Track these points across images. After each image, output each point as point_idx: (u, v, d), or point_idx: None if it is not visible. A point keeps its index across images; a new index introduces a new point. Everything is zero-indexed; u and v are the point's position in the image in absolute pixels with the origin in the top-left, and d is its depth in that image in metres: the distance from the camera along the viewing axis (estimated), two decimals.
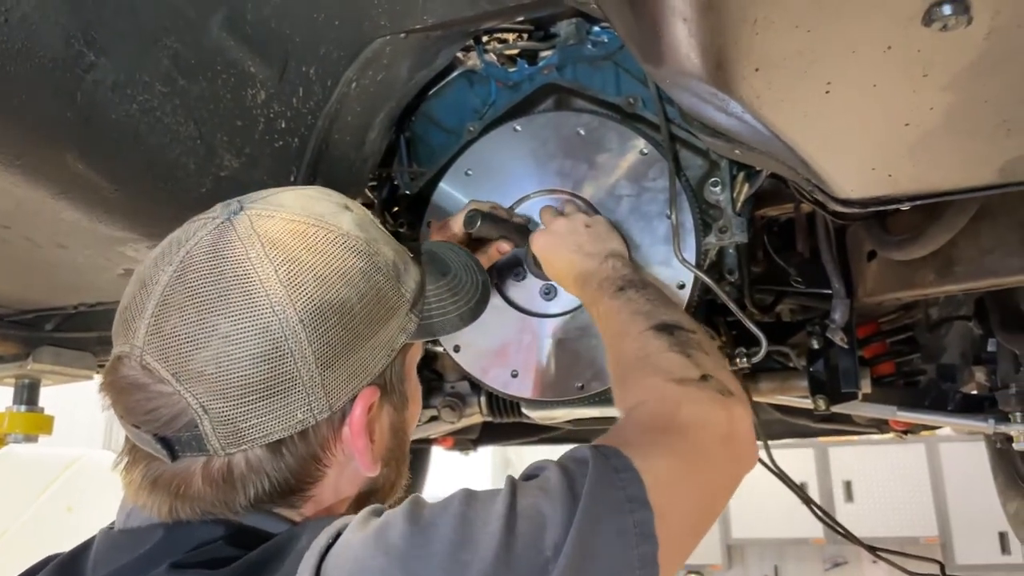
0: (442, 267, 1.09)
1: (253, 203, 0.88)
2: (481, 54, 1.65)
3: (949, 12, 0.66)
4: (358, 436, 0.86)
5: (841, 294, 1.64)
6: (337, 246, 0.87)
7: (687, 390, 1.04)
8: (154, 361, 0.80)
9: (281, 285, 0.81)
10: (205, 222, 0.86)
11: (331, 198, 0.94)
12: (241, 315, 0.79)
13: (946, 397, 2.08)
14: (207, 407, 0.79)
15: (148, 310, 0.81)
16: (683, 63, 0.79)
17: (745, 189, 1.51)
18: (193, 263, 0.82)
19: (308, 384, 0.81)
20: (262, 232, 0.84)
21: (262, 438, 0.80)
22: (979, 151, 0.93)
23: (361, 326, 0.86)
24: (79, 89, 1.00)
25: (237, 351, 0.79)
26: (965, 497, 6.81)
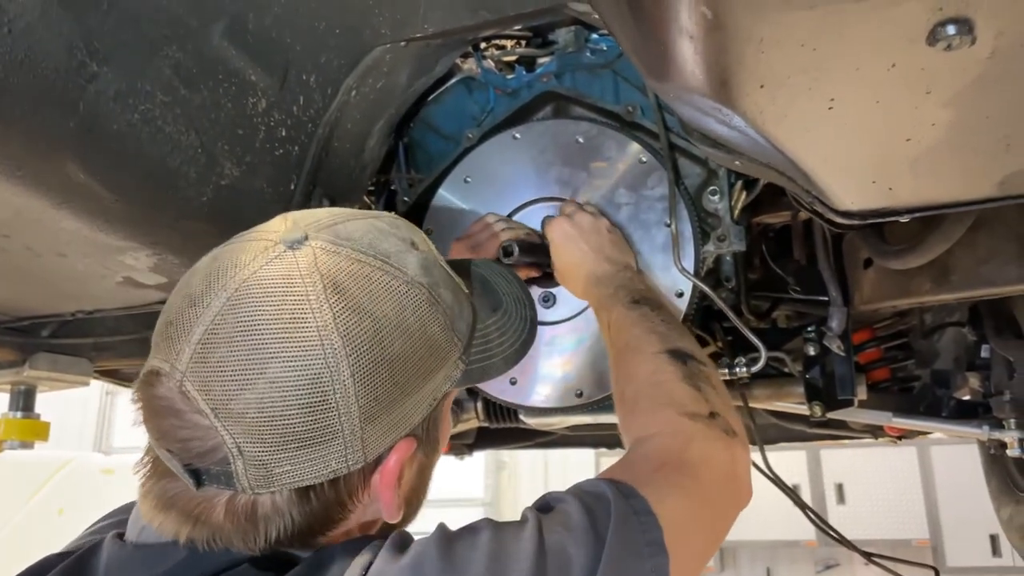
0: (494, 300, 1.03)
1: (319, 232, 0.83)
2: (479, 61, 1.65)
3: (953, 32, 0.66)
4: (387, 487, 0.83)
5: (838, 302, 1.65)
6: (400, 296, 0.83)
7: (697, 427, 1.05)
8: (194, 390, 0.76)
9: (338, 335, 0.77)
10: (266, 247, 0.81)
11: (399, 232, 0.89)
12: (293, 360, 0.75)
13: (940, 403, 2.10)
14: (243, 448, 0.75)
15: (195, 334, 0.77)
16: (688, 79, 0.79)
17: (743, 197, 1.52)
18: (249, 294, 0.77)
19: (348, 437, 0.78)
20: (325, 271, 0.79)
21: (293, 483, 0.77)
22: (979, 165, 0.94)
23: (410, 379, 0.82)
24: (81, 99, 1.00)
25: (283, 398, 0.75)
26: (956, 500, 6.84)
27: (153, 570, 0.79)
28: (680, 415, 1.06)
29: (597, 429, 2.71)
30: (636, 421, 1.10)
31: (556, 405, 1.52)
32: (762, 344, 1.50)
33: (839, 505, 7.25)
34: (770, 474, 1.88)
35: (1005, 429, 1.89)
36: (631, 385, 1.16)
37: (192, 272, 0.84)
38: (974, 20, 0.66)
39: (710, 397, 1.11)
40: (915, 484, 7.16)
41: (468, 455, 3.07)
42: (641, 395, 1.13)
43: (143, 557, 0.82)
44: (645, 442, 1.04)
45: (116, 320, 1.93)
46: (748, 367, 1.59)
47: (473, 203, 1.58)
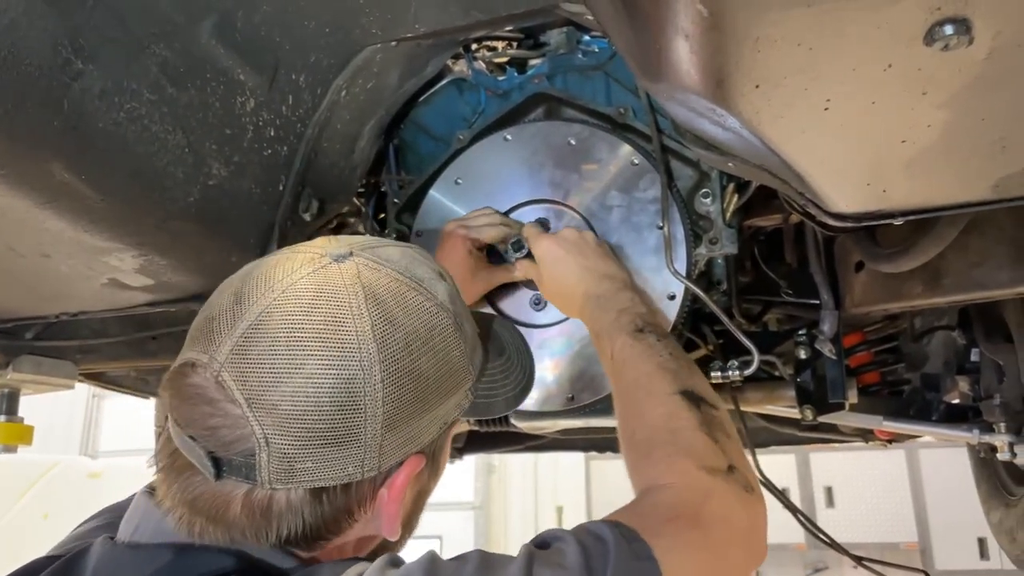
0: (499, 347, 1.08)
1: (361, 251, 0.89)
2: (470, 62, 1.64)
3: (951, 32, 0.66)
4: (393, 501, 0.87)
5: (830, 306, 1.65)
6: (431, 316, 0.88)
7: (715, 482, 1.03)
8: (231, 380, 0.79)
9: (374, 341, 0.81)
10: (313, 258, 0.86)
11: (429, 263, 0.95)
12: (330, 359, 0.80)
13: (930, 407, 2.10)
14: (270, 440, 0.78)
15: (239, 328, 0.80)
16: (683, 79, 0.79)
17: (735, 200, 1.51)
18: (295, 295, 0.82)
19: (369, 442, 0.81)
20: (367, 283, 0.85)
21: (309, 482, 0.80)
22: (974, 167, 0.94)
23: (430, 396, 0.87)
24: (66, 97, 0.98)
25: (317, 394, 0.79)
26: (945, 503, 6.87)
27: (137, 572, 0.80)
28: (699, 468, 1.04)
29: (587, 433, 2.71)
30: (650, 469, 1.08)
31: (547, 409, 1.51)
32: (754, 347, 1.50)
33: (828, 508, 7.28)
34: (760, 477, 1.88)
35: (995, 433, 1.89)
36: (643, 428, 1.13)
37: (236, 276, 0.89)
38: (972, 20, 0.65)
39: (727, 449, 1.09)
40: (904, 487, 7.19)
41: (458, 458, 3.06)
42: (656, 441, 1.10)
43: (129, 558, 0.83)
44: (658, 491, 1.03)
45: (101, 322, 1.91)
46: (740, 370, 1.58)
47: (464, 205, 1.57)
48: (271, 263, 0.87)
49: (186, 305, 1.42)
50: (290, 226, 1.41)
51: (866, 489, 7.28)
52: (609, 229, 1.46)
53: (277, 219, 1.38)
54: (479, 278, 1.43)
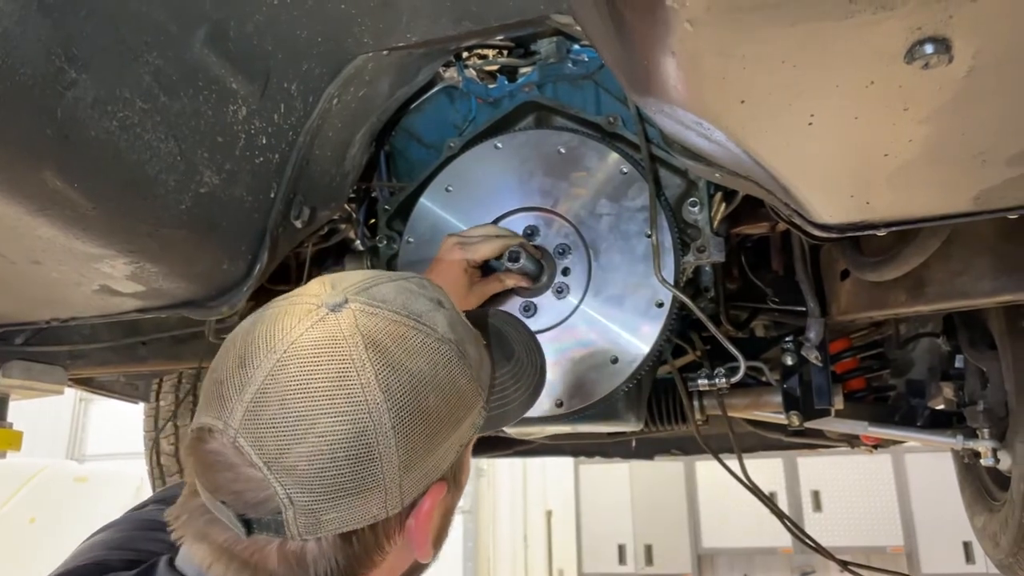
0: (507, 350, 1.09)
1: (357, 295, 0.89)
2: (461, 70, 1.65)
3: (931, 51, 0.68)
4: (422, 530, 0.89)
5: (816, 313, 1.66)
6: (432, 352, 0.89)
7: None
8: (248, 445, 0.81)
9: (380, 390, 0.83)
10: (309, 310, 0.87)
11: (426, 292, 0.96)
12: (340, 416, 0.81)
13: (915, 413, 2.12)
14: (293, 498, 0.81)
15: (248, 393, 0.82)
16: (669, 93, 0.80)
17: (722, 209, 1.53)
18: (298, 354, 0.83)
19: (388, 485, 0.83)
20: (365, 331, 0.85)
21: (338, 529, 0.83)
22: (955, 181, 0.96)
23: (442, 429, 0.88)
24: (59, 106, 0.98)
25: (332, 451, 0.81)
26: (930, 507, 6.92)
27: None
28: None
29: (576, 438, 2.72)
30: None
31: (536, 415, 1.52)
32: (740, 354, 1.51)
33: (815, 512, 7.32)
34: (747, 482, 1.90)
35: (978, 439, 1.91)
36: None
37: (238, 334, 0.89)
38: (951, 39, 0.67)
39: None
40: (890, 492, 7.24)
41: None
42: None
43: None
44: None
45: (92, 328, 1.91)
46: (727, 377, 1.60)
47: (454, 212, 1.58)
48: (270, 318, 0.88)
49: (177, 311, 1.43)
50: (281, 233, 1.42)
51: (853, 493, 7.32)
52: (598, 237, 1.48)
53: (268, 226, 1.38)
54: (474, 292, 1.45)
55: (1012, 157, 0.88)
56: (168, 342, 1.94)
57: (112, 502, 2.00)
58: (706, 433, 1.97)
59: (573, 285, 1.49)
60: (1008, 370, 1.77)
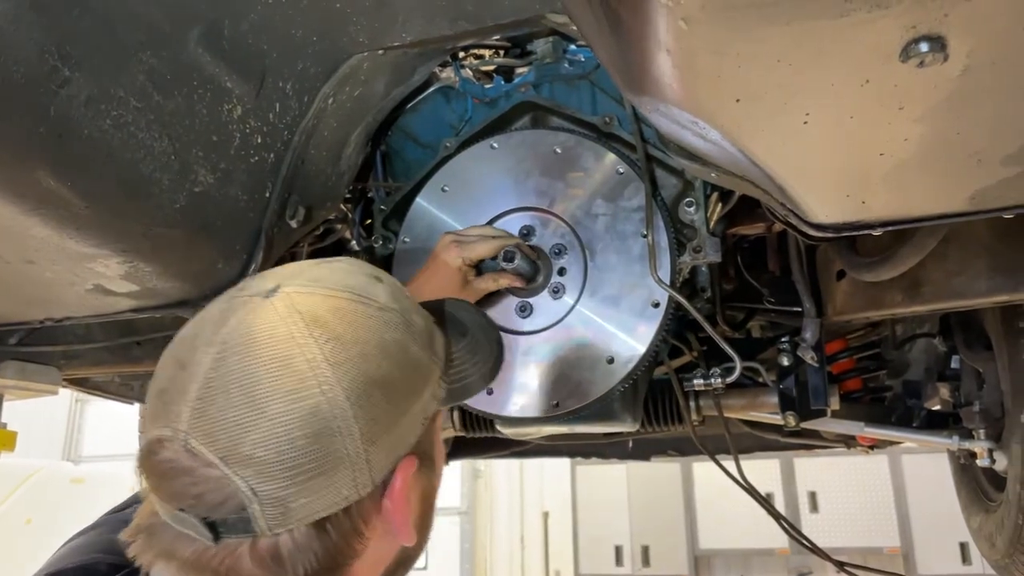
0: (460, 328, 1.08)
1: (289, 280, 0.87)
2: (458, 70, 1.65)
3: (926, 49, 0.67)
4: (400, 507, 0.86)
5: (812, 314, 1.66)
6: (376, 321, 0.87)
7: None
8: (200, 444, 0.78)
9: (327, 364, 0.80)
10: (244, 301, 0.85)
11: (362, 270, 0.94)
12: (290, 395, 0.78)
13: (911, 413, 2.12)
14: (256, 490, 0.77)
15: (191, 393, 0.79)
16: (665, 92, 0.80)
17: (718, 209, 1.53)
18: (236, 343, 0.81)
19: (355, 461, 0.80)
20: (304, 310, 0.83)
21: (309, 516, 0.79)
22: (950, 180, 0.96)
23: (401, 398, 0.86)
24: (52, 104, 0.98)
25: (287, 432, 0.78)
26: (927, 508, 6.93)
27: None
28: None
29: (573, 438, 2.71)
30: None
31: (532, 415, 1.52)
32: (737, 354, 1.51)
33: (812, 513, 7.32)
34: (744, 483, 1.89)
35: (974, 439, 1.91)
36: None
37: (172, 344, 0.87)
38: (947, 38, 0.67)
39: None
40: (887, 493, 7.24)
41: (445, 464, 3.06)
42: None
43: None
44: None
45: (86, 328, 1.90)
46: (723, 377, 1.60)
47: (450, 212, 1.58)
48: (202, 320, 0.86)
49: (171, 311, 1.42)
50: (276, 233, 1.41)
51: (850, 494, 7.33)
52: (594, 237, 1.48)
53: (264, 226, 1.38)
54: (468, 290, 1.45)
55: (1007, 157, 0.88)
56: (163, 342, 1.91)
57: (108, 504, 2.03)
58: (703, 434, 1.97)
59: (569, 285, 1.49)
60: (1004, 371, 1.77)
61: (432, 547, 5.75)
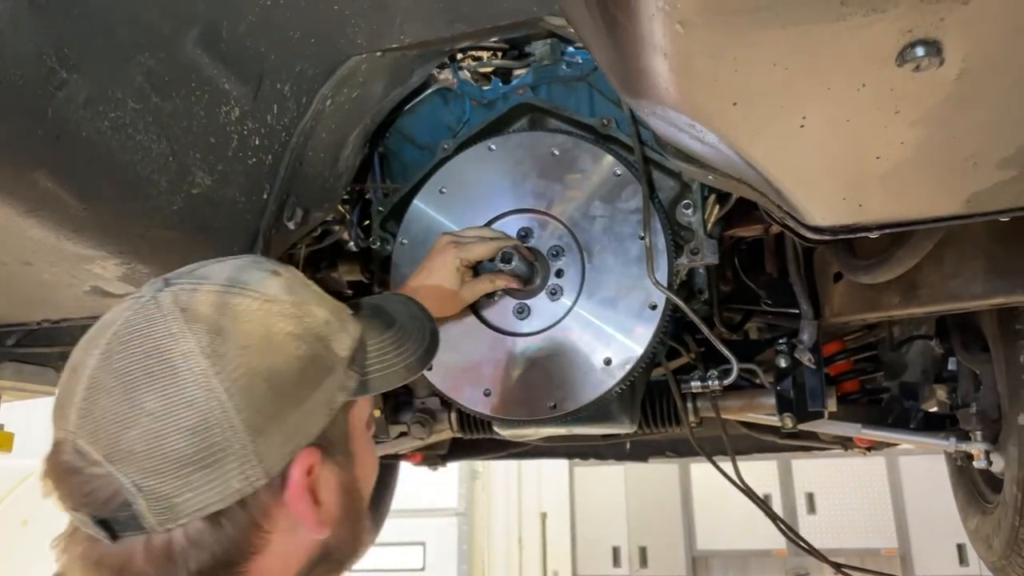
0: (387, 319, 1.09)
1: (178, 278, 0.89)
2: (455, 72, 1.65)
3: (922, 53, 0.68)
4: (299, 500, 0.85)
5: (809, 315, 1.67)
6: (262, 314, 0.87)
7: None
8: (86, 444, 0.80)
9: (204, 357, 0.81)
10: (132, 302, 0.87)
11: (260, 265, 0.94)
12: (167, 391, 0.80)
13: (908, 415, 2.12)
14: (140, 485, 0.78)
15: (78, 394, 0.81)
16: (662, 95, 0.80)
17: (716, 211, 1.53)
18: (119, 343, 0.82)
19: (240, 453, 0.80)
20: (185, 305, 0.84)
21: (199, 511, 0.80)
22: (946, 183, 0.96)
23: (292, 390, 0.86)
24: (50, 106, 0.98)
25: (165, 427, 0.79)
26: (924, 509, 6.94)
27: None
28: None
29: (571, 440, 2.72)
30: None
31: (529, 417, 1.52)
32: (734, 356, 1.52)
33: (809, 515, 7.33)
34: (741, 484, 1.90)
35: (971, 441, 1.91)
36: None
37: (76, 344, 0.89)
38: (942, 42, 0.67)
39: None
40: (884, 494, 7.25)
41: (442, 466, 3.06)
42: None
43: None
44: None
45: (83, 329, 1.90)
46: (720, 379, 1.60)
47: (448, 214, 1.58)
48: (97, 323, 0.87)
49: None
50: (274, 234, 1.42)
51: (847, 496, 7.34)
52: (592, 239, 1.48)
53: (261, 227, 1.38)
54: (465, 290, 1.45)
55: (1003, 160, 0.88)
56: None
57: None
58: (700, 435, 1.97)
59: (567, 287, 1.49)
60: (1001, 373, 1.77)
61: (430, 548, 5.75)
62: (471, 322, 1.53)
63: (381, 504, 3.47)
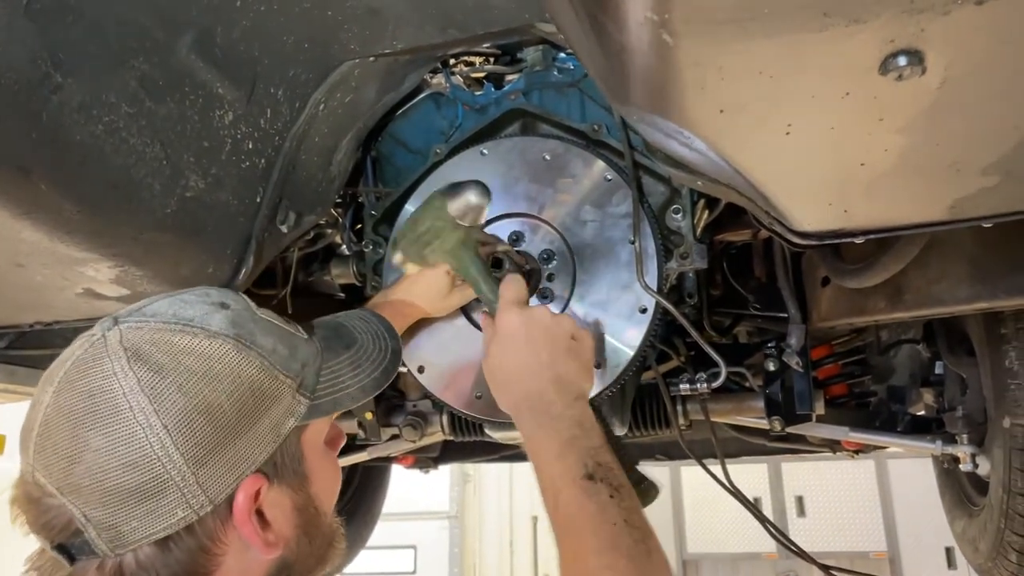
0: (346, 340, 1.11)
1: (128, 316, 0.93)
2: (448, 77, 1.66)
3: (904, 63, 0.69)
4: (244, 524, 0.89)
5: (797, 319, 1.68)
6: (202, 350, 0.91)
7: None
8: (41, 476, 0.86)
9: (144, 395, 0.85)
10: (84, 340, 0.91)
11: (208, 298, 0.98)
12: (109, 428, 0.85)
13: (896, 418, 2.14)
14: (88, 516, 0.84)
15: (35, 429, 0.88)
16: (650, 103, 0.82)
17: (705, 216, 1.54)
18: (68, 381, 0.88)
19: (181, 484, 0.85)
20: (129, 344, 0.89)
21: (147, 538, 0.85)
22: (930, 190, 0.98)
23: (233, 422, 0.89)
24: (45, 110, 0.99)
25: (107, 462, 0.84)
26: (913, 513, 6.97)
27: None
28: None
29: None
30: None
31: None
32: (722, 360, 1.53)
33: (799, 518, 7.35)
34: (731, 487, 1.91)
35: (957, 444, 1.93)
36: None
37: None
38: (924, 52, 0.69)
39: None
40: (873, 498, 7.28)
41: (434, 468, 3.06)
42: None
43: None
44: None
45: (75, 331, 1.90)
46: (709, 382, 1.61)
47: None
48: (57, 359, 0.92)
49: None
50: (267, 237, 1.42)
51: (837, 499, 7.36)
52: (583, 243, 1.49)
53: (254, 231, 1.39)
54: (455, 294, 1.46)
55: (985, 167, 0.90)
56: None
57: None
58: (690, 438, 1.99)
59: (558, 290, 1.50)
60: (986, 377, 1.79)
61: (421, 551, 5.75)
62: (462, 325, 1.54)
63: (372, 508, 3.47)
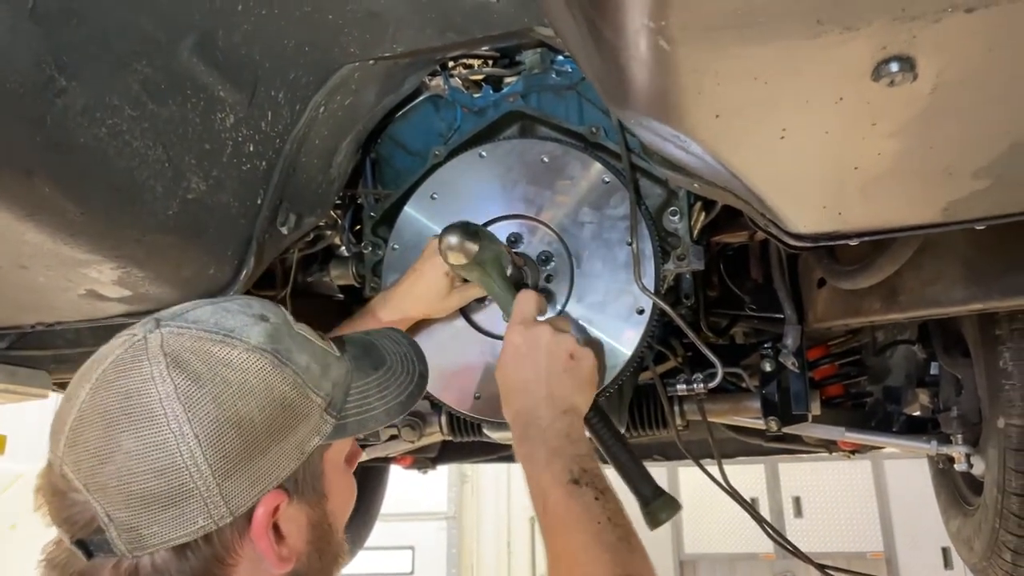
0: (376, 361, 1.12)
1: (171, 319, 0.94)
2: (447, 80, 1.68)
3: (896, 69, 0.71)
4: (261, 537, 0.90)
5: (793, 320, 1.70)
6: (240, 363, 0.91)
7: None
8: (69, 471, 0.87)
9: (179, 403, 0.86)
10: (125, 339, 0.92)
11: (249, 310, 0.99)
12: (140, 431, 0.86)
13: (891, 418, 2.16)
14: (112, 516, 0.85)
15: (68, 424, 0.88)
16: (647, 107, 0.83)
17: (702, 218, 1.56)
18: (106, 380, 0.88)
19: (205, 494, 0.86)
20: (170, 350, 0.89)
21: (165, 543, 0.86)
22: (923, 193, 0.99)
23: (262, 437, 0.90)
24: (48, 113, 1.00)
25: (137, 466, 0.85)
26: (909, 513, 6.99)
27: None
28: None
29: None
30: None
31: None
32: (719, 360, 1.54)
33: (796, 518, 7.38)
34: (728, 488, 1.92)
35: (952, 444, 1.95)
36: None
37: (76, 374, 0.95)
38: (916, 58, 0.70)
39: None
40: (870, 498, 7.30)
41: (432, 468, 3.07)
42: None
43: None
44: None
45: (76, 332, 1.91)
46: (705, 382, 1.63)
47: (439, 219, 1.60)
48: (94, 356, 0.93)
49: None
50: (267, 239, 1.43)
51: (834, 499, 7.39)
52: (580, 245, 1.50)
53: (255, 232, 1.40)
54: (453, 295, 1.47)
55: (978, 170, 0.91)
56: None
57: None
58: (687, 439, 2.00)
59: (556, 292, 1.51)
60: (981, 377, 1.80)
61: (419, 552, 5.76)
62: (461, 326, 1.55)
63: (370, 508, 3.47)
